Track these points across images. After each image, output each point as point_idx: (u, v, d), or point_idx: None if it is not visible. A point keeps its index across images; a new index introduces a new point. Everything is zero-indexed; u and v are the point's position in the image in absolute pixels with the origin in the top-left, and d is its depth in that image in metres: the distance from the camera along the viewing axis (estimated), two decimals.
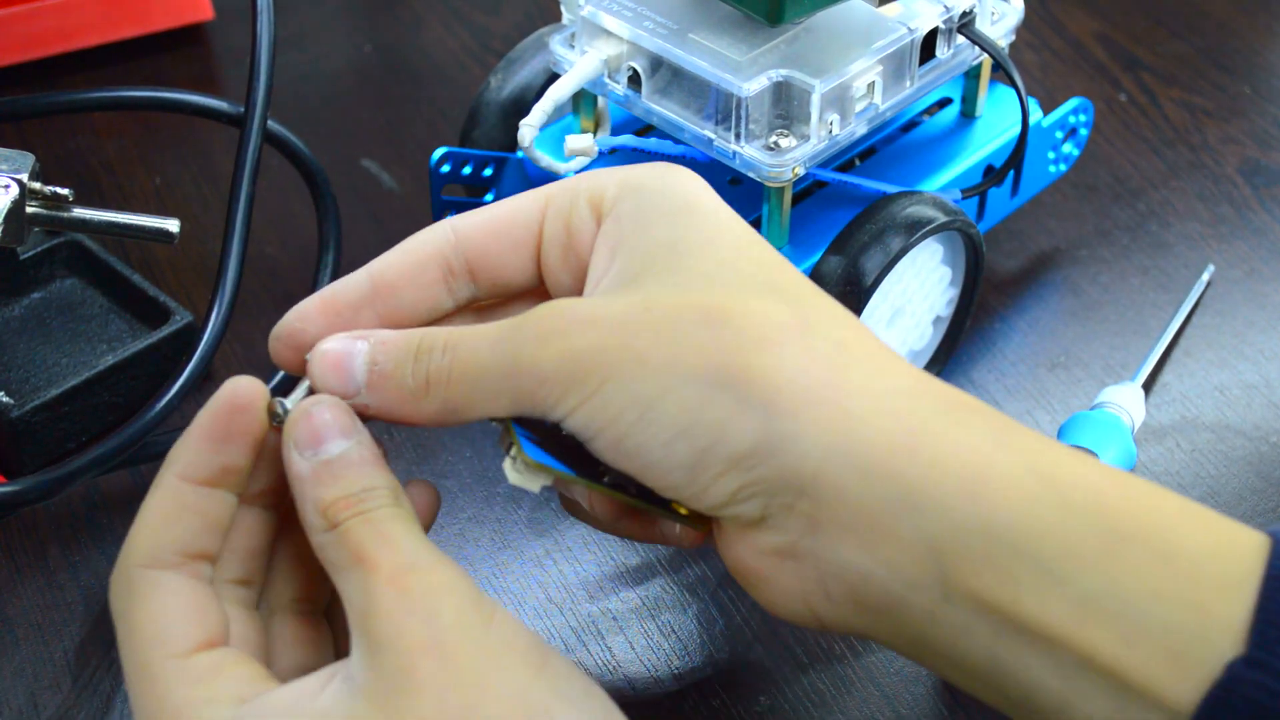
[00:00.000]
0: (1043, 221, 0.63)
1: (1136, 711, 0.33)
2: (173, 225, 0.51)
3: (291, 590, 0.39)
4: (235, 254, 0.50)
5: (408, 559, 0.35)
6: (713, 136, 0.50)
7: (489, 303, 0.42)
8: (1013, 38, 0.55)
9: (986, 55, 0.54)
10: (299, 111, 0.69)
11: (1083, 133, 0.61)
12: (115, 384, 0.53)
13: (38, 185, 0.50)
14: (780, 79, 0.49)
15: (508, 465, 0.38)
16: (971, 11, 0.52)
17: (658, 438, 0.36)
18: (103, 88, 0.55)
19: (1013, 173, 0.58)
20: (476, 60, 0.72)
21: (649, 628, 0.48)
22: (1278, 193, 0.65)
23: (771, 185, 0.49)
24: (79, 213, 0.51)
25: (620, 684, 0.47)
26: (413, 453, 0.54)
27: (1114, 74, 0.71)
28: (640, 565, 0.50)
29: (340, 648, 0.39)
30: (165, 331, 0.54)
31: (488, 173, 0.56)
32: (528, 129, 0.51)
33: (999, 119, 0.58)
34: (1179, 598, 0.33)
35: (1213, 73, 0.71)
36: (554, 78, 0.54)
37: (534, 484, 0.38)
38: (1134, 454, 0.52)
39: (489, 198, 0.57)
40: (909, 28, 0.51)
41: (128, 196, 0.64)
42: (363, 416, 0.38)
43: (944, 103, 0.59)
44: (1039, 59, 0.72)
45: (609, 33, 0.51)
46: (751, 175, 0.49)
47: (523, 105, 0.56)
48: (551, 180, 0.42)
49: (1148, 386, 0.56)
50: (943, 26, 0.52)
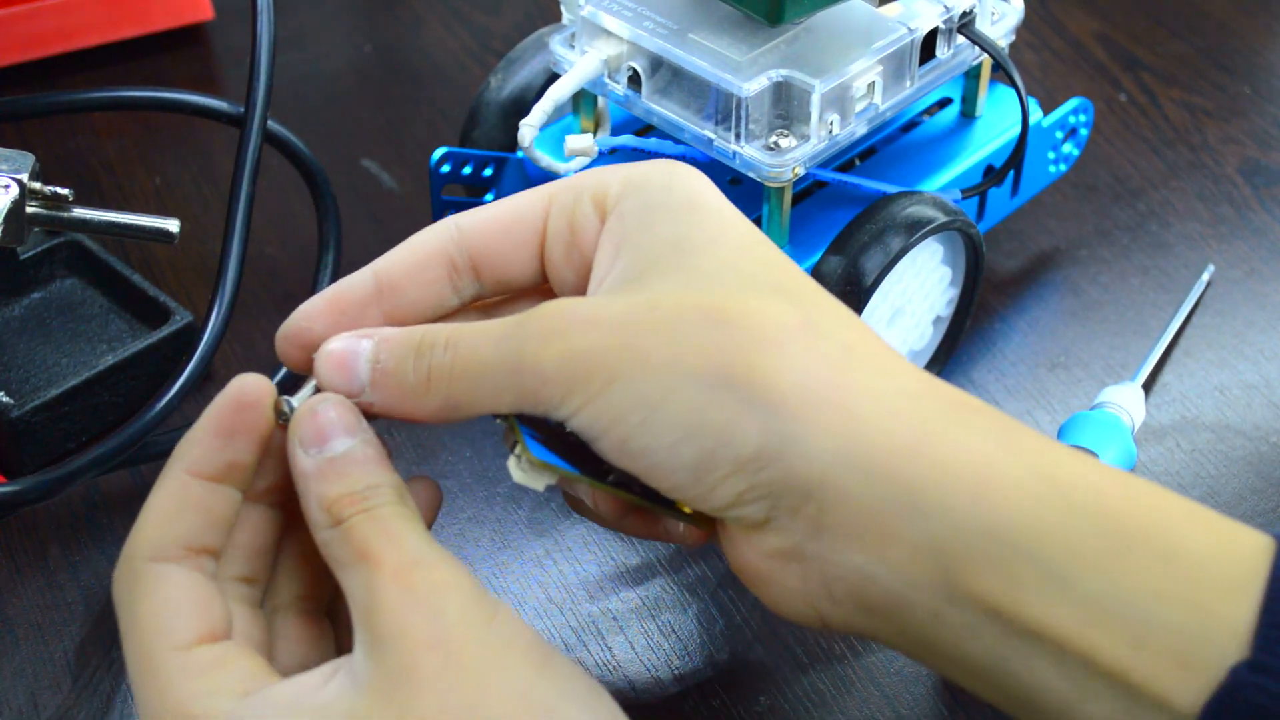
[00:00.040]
0: (1043, 221, 0.63)
1: (1140, 714, 0.33)
2: (173, 225, 0.51)
3: (295, 588, 0.39)
4: (235, 254, 0.50)
5: (412, 555, 0.35)
6: (713, 136, 0.50)
7: (494, 300, 0.42)
8: (1013, 38, 0.55)
9: (986, 55, 0.54)
10: (299, 111, 0.69)
11: (1083, 133, 0.61)
12: (115, 384, 0.53)
13: (38, 185, 0.50)
14: (780, 79, 0.49)
15: (512, 464, 0.38)
16: (971, 11, 0.52)
17: (663, 440, 0.36)
18: (103, 88, 0.55)
19: (1013, 173, 0.58)
20: (476, 60, 0.72)
21: (649, 628, 0.48)
22: (1278, 193, 0.65)
23: (771, 185, 0.49)
24: (79, 213, 0.51)
25: (620, 684, 0.47)
26: (413, 453, 0.54)
27: (1114, 74, 0.71)
28: (640, 565, 0.50)
29: (342, 646, 0.39)
30: (165, 331, 0.54)
31: (488, 173, 0.56)
32: (528, 129, 0.51)
33: (999, 119, 0.58)
34: (1183, 600, 0.33)
35: (1213, 73, 0.71)
36: (554, 78, 0.54)
37: (538, 483, 0.38)
38: (1134, 454, 0.52)
39: (489, 198, 0.57)
40: (909, 28, 0.51)
41: (128, 196, 0.64)
42: (369, 415, 0.38)
43: (944, 103, 0.59)
44: (1039, 59, 0.72)
45: (609, 33, 0.51)
46: (751, 175, 0.49)
47: (523, 105, 0.56)
48: (552, 180, 0.42)
49: (1148, 386, 0.56)
50: (943, 26, 0.52)
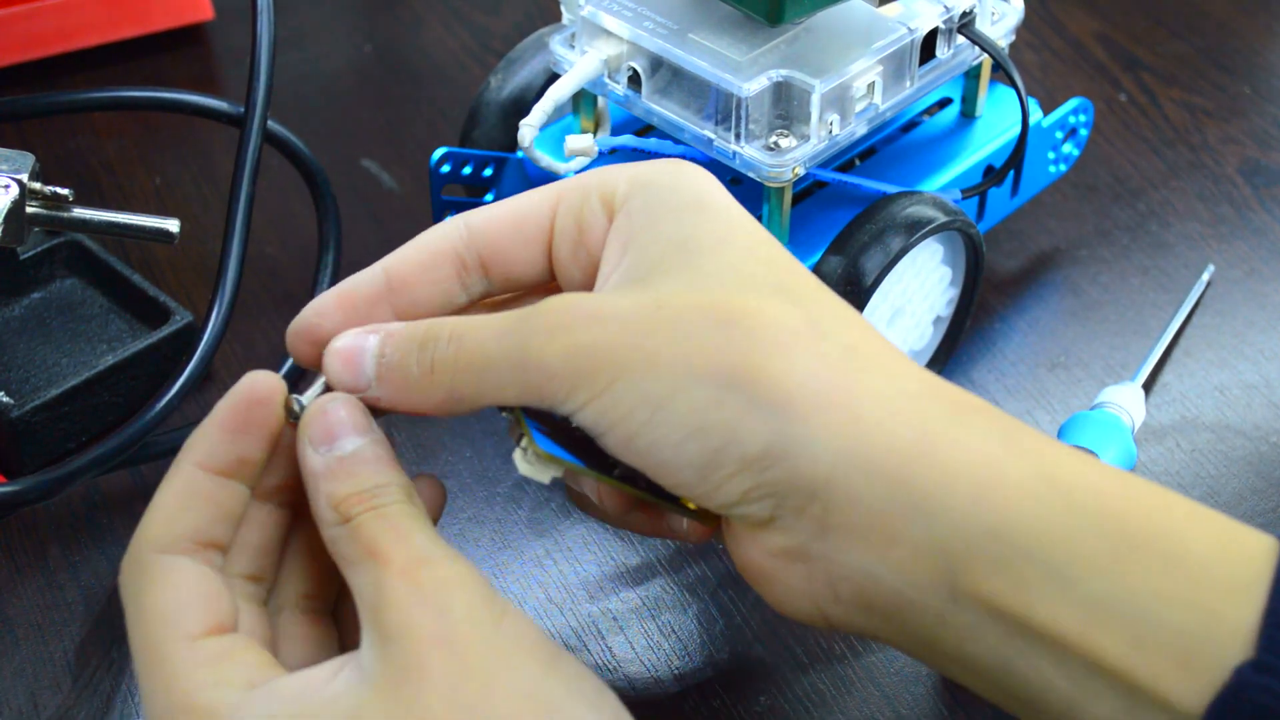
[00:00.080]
0: (1043, 221, 0.63)
1: (1143, 714, 0.33)
2: (173, 225, 0.51)
3: (299, 587, 0.40)
4: (235, 254, 0.50)
5: (420, 553, 0.35)
6: (713, 136, 0.50)
7: (502, 298, 0.42)
8: (1013, 38, 0.55)
9: (986, 55, 0.54)
10: (299, 111, 0.69)
11: (1083, 133, 0.61)
12: (115, 384, 0.53)
13: (38, 185, 0.50)
14: (780, 79, 0.49)
15: (518, 456, 0.38)
16: (971, 11, 0.52)
17: (669, 437, 0.36)
18: (103, 88, 0.55)
19: (1013, 173, 0.58)
20: (476, 60, 0.72)
21: (649, 628, 0.48)
22: (1278, 193, 0.65)
23: (771, 185, 0.49)
24: (79, 213, 0.51)
25: (620, 684, 0.47)
26: (413, 453, 0.54)
27: (1114, 74, 0.71)
28: (640, 565, 0.50)
29: (346, 646, 0.39)
30: (165, 331, 0.54)
31: (488, 173, 0.56)
32: (528, 129, 0.51)
33: (999, 119, 0.58)
34: (1186, 600, 0.33)
35: (1213, 73, 0.71)
36: (554, 78, 0.54)
37: (544, 475, 0.38)
38: (1134, 454, 0.52)
39: (489, 198, 0.57)
40: (909, 28, 0.51)
41: (128, 196, 0.64)
42: (377, 410, 0.39)
43: (944, 103, 0.59)
44: (1039, 59, 0.72)
45: (609, 33, 0.51)
46: (751, 175, 0.49)
47: (523, 105, 0.56)
48: (552, 181, 0.42)
49: (1148, 386, 0.56)
50: (943, 26, 0.52)
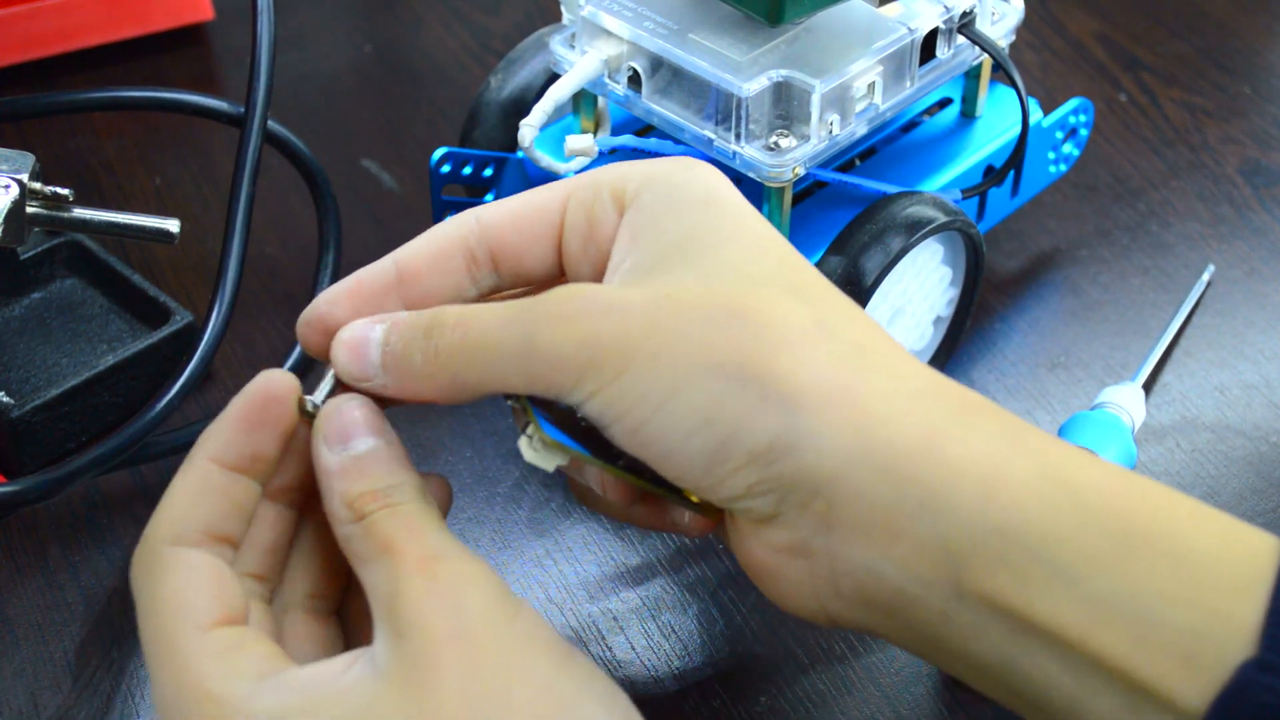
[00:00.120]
0: (1043, 221, 0.63)
1: (1147, 713, 0.33)
2: (173, 225, 0.51)
3: (306, 588, 0.40)
4: (235, 254, 0.50)
5: (435, 549, 0.36)
6: (713, 136, 0.50)
7: (512, 293, 0.42)
8: (1013, 38, 0.55)
9: (986, 55, 0.54)
10: (299, 111, 0.69)
11: (1083, 133, 0.61)
12: (115, 384, 0.53)
13: (38, 185, 0.50)
14: (780, 79, 0.49)
15: (523, 443, 0.38)
16: (971, 11, 0.52)
17: (676, 429, 0.36)
18: (103, 88, 0.55)
19: (1013, 173, 0.58)
20: (476, 60, 0.72)
21: (649, 628, 0.48)
22: (1278, 193, 0.65)
23: (771, 185, 0.49)
24: (79, 213, 0.51)
25: (621, 684, 0.46)
26: (414, 452, 0.53)
27: (1114, 74, 0.71)
28: (640, 565, 0.50)
29: (352, 648, 0.39)
30: (165, 331, 0.54)
31: (488, 173, 0.56)
32: (528, 129, 0.51)
33: (999, 119, 0.58)
34: (1191, 600, 0.33)
35: (1213, 73, 0.71)
36: (554, 78, 0.54)
37: (549, 463, 0.39)
38: (1134, 454, 0.52)
39: (489, 198, 0.57)
40: (909, 28, 0.51)
41: (128, 196, 0.64)
42: (386, 401, 0.39)
43: (944, 103, 0.59)
44: (1039, 59, 0.72)
45: (609, 33, 0.51)
46: (751, 175, 0.49)
47: (523, 105, 0.56)
48: (552, 181, 0.42)
49: (1148, 386, 0.56)
50: (943, 27, 0.52)
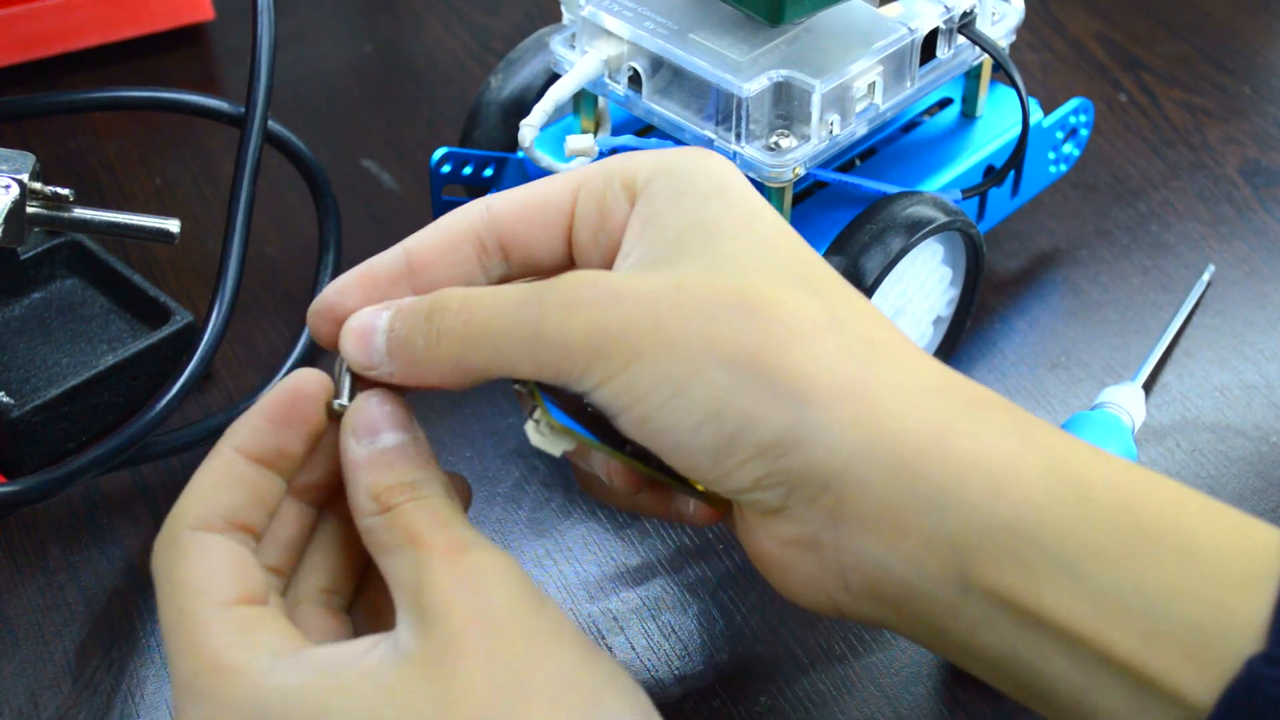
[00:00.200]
0: (1043, 221, 0.63)
1: (1155, 707, 0.33)
2: (173, 225, 0.51)
3: (320, 582, 0.40)
4: (235, 254, 0.50)
5: (461, 540, 0.36)
6: (713, 137, 0.50)
7: (521, 282, 0.42)
8: (1013, 38, 0.55)
9: (987, 55, 0.54)
10: (299, 111, 0.69)
11: (1083, 133, 0.61)
12: (115, 384, 0.53)
13: (38, 185, 0.50)
14: (781, 79, 0.49)
15: (530, 428, 0.38)
16: (972, 12, 0.52)
17: (685, 420, 0.36)
18: (103, 88, 0.55)
19: (1013, 173, 0.58)
20: (476, 60, 0.72)
21: (649, 628, 0.48)
22: (1278, 193, 0.65)
23: (772, 185, 0.49)
24: (79, 213, 0.51)
25: None
26: None
27: (1114, 74, 0.71)
28: (640, 565, 0.50)
29: None
30: (165, 331, 0.54)
31: (488, 173, 0.56)
32: (528, 129, 0.51)
33: (999, 119, 0.58)
34: (1199, 595, 0.33)
35: (1213, 73, 0.71)
36: (554, 78, 0.54)
37: (556, 448, 0.39)
38: (1134, 454, 0.52)
39: None
40: (909, 28, 0.51)
41: (128, 196, 0.64)
42: (395, 389, 0.39)
43: (944, 103, 0.59)
44: (1039, 59, 0.72)
45: (609, 33, 0.51)
46: (752, 175, 0.49)
47: (523, 105, 0.56)
48: None
49: (1148, 386, 0.56)
50: (943, 27, 0.52)
